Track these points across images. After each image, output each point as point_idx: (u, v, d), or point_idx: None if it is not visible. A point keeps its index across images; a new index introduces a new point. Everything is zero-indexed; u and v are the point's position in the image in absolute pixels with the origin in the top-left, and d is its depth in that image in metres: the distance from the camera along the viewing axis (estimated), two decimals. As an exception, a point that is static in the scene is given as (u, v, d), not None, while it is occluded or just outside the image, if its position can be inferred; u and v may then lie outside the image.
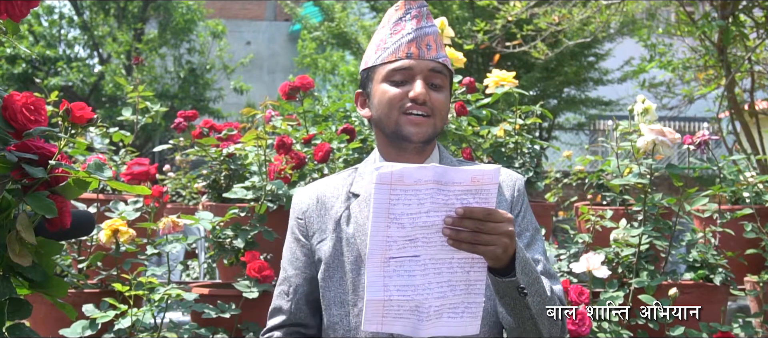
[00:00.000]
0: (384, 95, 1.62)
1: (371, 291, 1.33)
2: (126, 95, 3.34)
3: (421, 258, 1.34)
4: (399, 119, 1.61)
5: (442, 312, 1.37)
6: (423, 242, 1.33)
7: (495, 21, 5.63)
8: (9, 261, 1.21)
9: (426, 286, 1.35)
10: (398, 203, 1.29)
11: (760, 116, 4.65)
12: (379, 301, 1.34)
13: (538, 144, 3.05)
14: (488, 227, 1.33)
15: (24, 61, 13.03)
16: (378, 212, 1.29)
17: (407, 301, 1.34)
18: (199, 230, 3.29)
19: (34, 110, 1.24)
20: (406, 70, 1.61)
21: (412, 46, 1.62)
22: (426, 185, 1.29)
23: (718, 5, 4.22)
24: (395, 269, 1.33)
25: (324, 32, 10.68)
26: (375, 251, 1.32)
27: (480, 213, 1.32)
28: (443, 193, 1.30)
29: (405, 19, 1.66)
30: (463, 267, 1.37)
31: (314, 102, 3.45)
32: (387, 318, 1.36)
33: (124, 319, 2.30)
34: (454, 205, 1.31)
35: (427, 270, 1.34)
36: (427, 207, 1.31)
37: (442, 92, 1.64)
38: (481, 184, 1.31)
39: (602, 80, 10.17)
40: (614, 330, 2.44)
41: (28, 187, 1.21)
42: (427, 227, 1.32)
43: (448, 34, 2.89)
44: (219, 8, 16.39)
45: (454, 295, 1.37)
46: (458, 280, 1.37)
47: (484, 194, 1.32)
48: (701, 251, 2.68)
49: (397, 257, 1.33)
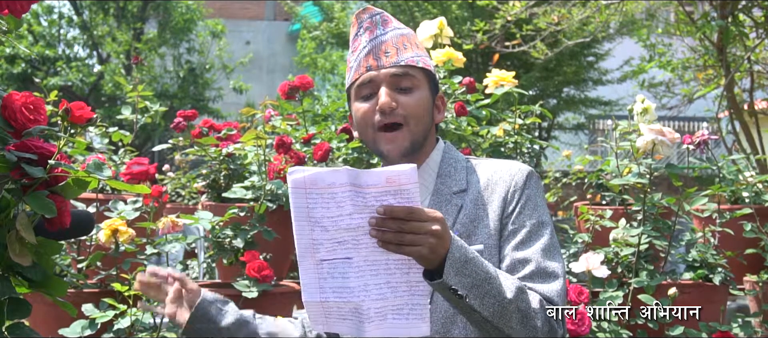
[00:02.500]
0: (358, 113, 1.64)
1: (307, 293, 1.35)
2: (125, 94, 3.33)
3: (355, 260, 1.33)
4: (375, 136, 1.61)
5: (386, 314, 1.36)
6: (352, 244, 1.32)
7: (494, 21, 5.63)
8: (9, 260, 1.21)
9: (362, 288, 1.34)
10: (316, 206, 1.29)
11: (759, 116, 4.65)
12: (316, 302, 1.36)
13: (537, 144, 3.05)
14: (411, 226, 1.29)
15: (23, 60, 13.03)
16: (298, 216, 1.31)
17: (345, 303, 1.35)
18: (199, 230, 3.29)
19: (33, 110, 1.24)
20: (369, 83, 1.61)
21: (370, 58, 1.62)
22: (341, 188, 1.28)
23: (718, 5, 4.22)
24: (329, 271, 1.34)
25: (323, 32, 10.70)
26: (304, 254, 1.33)
27: (401, 212, 1.29)
28: (361, 195, 1.29)
29: (359, 33, 1.66)
30: (400, 268, 1.35)
31: (314, 102, 3.46)
32: (330, 319, 1.38)
33: (124, 319, 2.29)
34: (375, 207, 1.29)
35: (362, 271, 1.34)
36: (349, 210, 1.30)
37: (414, 93, 1.61)
38: (399, 184, 1.29)
39: (602, 80, 10.18)
40: (614, 330, 2.44)
41: (28, 187, 1.21)
42: (353, 229, 1.31)
43: (447, 34, 2.90)
44: (218, 8, 16.38)
45: (396, 296, 1.36)
46: (398, 282, 1.35)
47: (405, 194, 1.29)
48: (700, 250, 2.68)
49: (328, 259, 1.33)
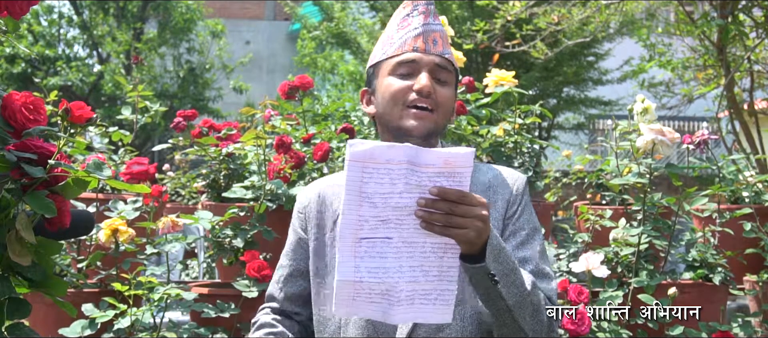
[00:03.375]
0: (389, 88, 1.62)
1: (342, 272, 1.31)
2: (125, 94, 3.33)
3: (394, 241, 1.32)
4: (402, 112, 1.60)
5: (414, 298, 1.35)
6: (395, 223, 1.31)
7: (494, 21, 5.63)
8: (9, 260, 1.21)
9: (397, 269, 1.32)
10: (370, 181, 1.27)
11: (759, 116, 4.65)
12: (349, 282, 1.31)
13: (537, 144, 3.05)
14: (461, 209, 1.31)
15: (23, 60, 13.03)
16: (350, 189, 1.28)
17: (378, 284, 1.32)
18: (199, 230, 3.29)
19: (33, 110, 1.23)
20: (411, 63, 1.61)
21: (419, 40, 1.62)
22: (399, 165, 1.27)
23: (718, 5, 4.22)
24: (367, 250, 1.31)
25: (323, 32, 10.70)
26: (346, 231, 1.30)
27: (454, 195, 1.30)
28: (416, 174, 1.29)
29: (412, 15, 1.66)
30: (435, 252, 1.34)
31: (314, 101, 3.46)
32: (357, 302, 1.33)
33: (124, 319, 2.29)
34: (427, 187, 1.30)
35: (399, 252, 1.32)
36: (400, 188, 1.29)
37: (447, 88, 1.64)
38: (454, 167, 1.29)
39: (602, 80, 10.18)
40: (613, 330, 2.44)
41: (28, 186, 1.21)
42: (400, 208, 1.30)
43: (447, 34, 2.89)
44: (218, 8, 16.38)
45: (427, 281, 1.34)
46: (431, 265, 1.34)
47: (458, 178, 1.30)
48: (700, 250, 2.68)
49: (369, 237, 1.31)
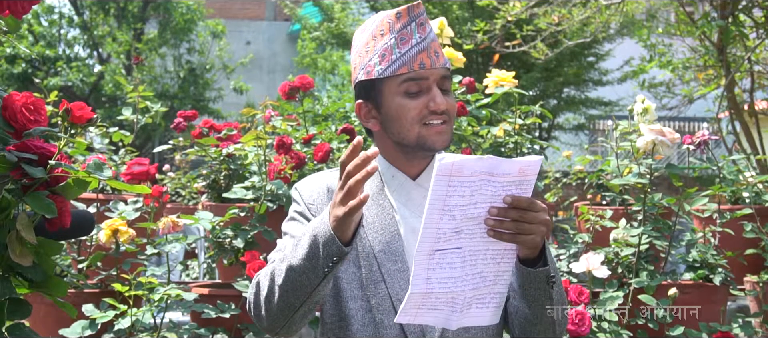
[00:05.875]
0: (403, 109, 1.60)
1: (416, 284, 1.34)
2: (126, 94, 3.33)
3: (463, 250, 1.36)
4: (420, 130, 1.61)
5: (472, 303, 1.40)
6: (468, 233, 1.35)
7: (495, 21, 5.63)
8: (9, 260, 1.21)
9: (463, 278, 1.37)
10: (454, 194, 1.31)
11: (759, 116, 4.64)
12: (420, 294, 1.35)
13: (537, 144, 3.05)
14: (530, 216, 1.37)
15: (24, 61, 13.02)
16: (434, 204, 1.30)
17: (445, 293, 1.36)
18: (199, 230, 3.29)
19: (33, 110, 1.24)
20: (421, 80, 1.61)
21: (424, 56, 1.62)
22: (479, 176, 1.31)
23: (718, 5, 4.22)
24: (439, 261, 1.35)
25: (323, 32, 10.70)
26: (425, 245, 1.33)
27: (524, 203, 1.36)
28: (492, 184, 1.33)
29: (412, 27, 1.64)
30: (494, 258, 1.40)
31: (314, 102, 3.46)
32: (422, 310, 1.38)
33: (124, 319, 2.30)
34: (500, 196, 1.34)
35: (465, 261, 1.37)
36: (477, 199, 1.33)
37: (451, 95, 1.67)
38: (525, 175, 1.34)
39: (602, 81, 10.19)
40: (614, 330, 2.44)
41: (28, 187, 1.21)
42: (473, 218, 1.34)
43: (447, 34, 2.89)
44: (219, 8, 16.37)
45: (484, 286, 1.40)
46: (488, 271, 1.40)
47: (526, 185, 1.36)
48: (701, 251, 2.67)
49: (442, 249, 1.34)
